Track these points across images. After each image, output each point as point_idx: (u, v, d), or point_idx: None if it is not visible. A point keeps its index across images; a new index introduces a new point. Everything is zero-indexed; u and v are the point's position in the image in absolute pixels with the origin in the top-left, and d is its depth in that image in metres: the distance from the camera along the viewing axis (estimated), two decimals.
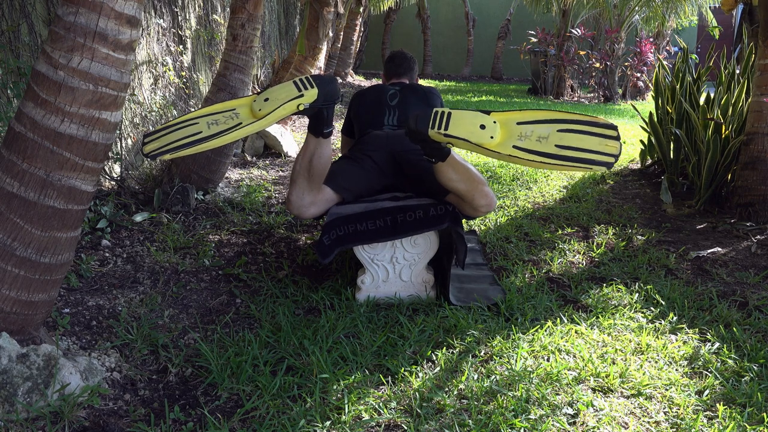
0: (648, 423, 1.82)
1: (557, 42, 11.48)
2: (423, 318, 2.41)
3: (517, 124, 2.27)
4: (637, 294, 2.70)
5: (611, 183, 4.70)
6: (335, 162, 2.84)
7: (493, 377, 2.00)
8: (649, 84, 10.62)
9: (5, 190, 1.79)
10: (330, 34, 6.19)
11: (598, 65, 10.90)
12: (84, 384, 1.83)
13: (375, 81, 12.41)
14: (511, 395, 1.89)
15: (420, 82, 4.56)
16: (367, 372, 2.03)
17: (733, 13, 11.28)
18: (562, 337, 2.28)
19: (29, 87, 1.80)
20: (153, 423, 1.76)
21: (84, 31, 1.73)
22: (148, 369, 2.05)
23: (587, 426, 1.79)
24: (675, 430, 1.79)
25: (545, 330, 2.32)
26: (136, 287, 2.63)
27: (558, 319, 2.43)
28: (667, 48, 11.64)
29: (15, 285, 1.81)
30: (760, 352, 2.21)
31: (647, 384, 1.99)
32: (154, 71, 4.45)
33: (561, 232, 3.54)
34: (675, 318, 2.49)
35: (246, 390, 1.92)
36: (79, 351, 2.07)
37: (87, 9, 1.73)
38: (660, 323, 2.44)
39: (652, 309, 2.57)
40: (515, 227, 3.59)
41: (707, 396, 1.95)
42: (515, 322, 2.40)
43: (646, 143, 4.98)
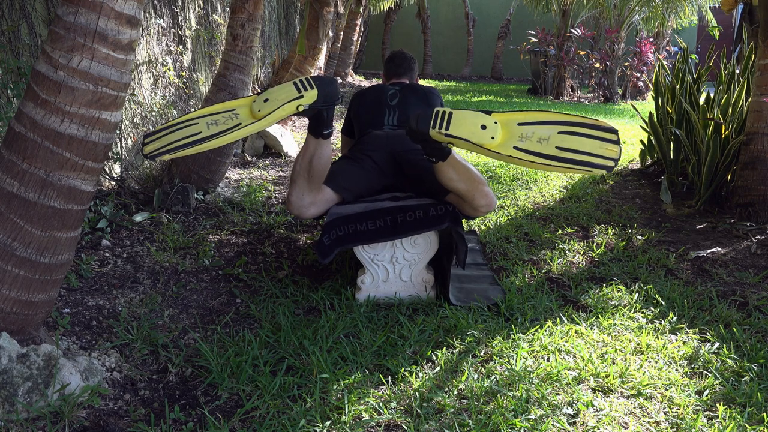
0: (648, 423, 1.82)
1: (557, 42, 11.48)
2: (423, 318, 2.41)
3: (518, 125, 2.27)
4: (637, 294, 2.70)
5: (611, 183, 4.70)
6: (335, 162, 2.84)
7: (493, 377, 2.00)
8: (649, 84, 10.62)
9: (5, 190, 1.79)
10: (330, 34, 6.19)
11: (598, 65, 10.90)
12: (84, 384, 1.83)
13: (375, 81, 12.41)
14: (511, 395, 1.89)
15: (420, 82, 4.56)
16: (367, 372, 2.03)
17: (733, 13, 11.28)
18: (562, 337, 2.28)
19: (29, 87, 1.80)
20: (153, 423, 1.76)
21: (84, 31, 1.73)
22: (148, 369, 2.05)
23: (587, 426, 1.79)
24: (675, 430, 1.79)
25: (545, 330, 2.32)
26: (136, 287, 2.63)
27: (558, 319, 2.43)
28: (667, 48, 11.64)
29: (15, 285, 1.81)
30: (760, 352, 2.21)
31: (647, 384, 1.99)
32: (154, 71, 4.45)
33: (561, 232, 3.54)
34: (675, 318, 2.49)
35: (246, 390, 1.92)
36: (79, 351, 2.07)
37: (87, 9, 1.73)
38: (660, 323, 2.44)
39: (652, 309, 2.57)
40: (515, 227, 3.59)
41: (707, 396, 1.95)
42: (515, 322, 2.40)
43: (646, 143, 4.98)
